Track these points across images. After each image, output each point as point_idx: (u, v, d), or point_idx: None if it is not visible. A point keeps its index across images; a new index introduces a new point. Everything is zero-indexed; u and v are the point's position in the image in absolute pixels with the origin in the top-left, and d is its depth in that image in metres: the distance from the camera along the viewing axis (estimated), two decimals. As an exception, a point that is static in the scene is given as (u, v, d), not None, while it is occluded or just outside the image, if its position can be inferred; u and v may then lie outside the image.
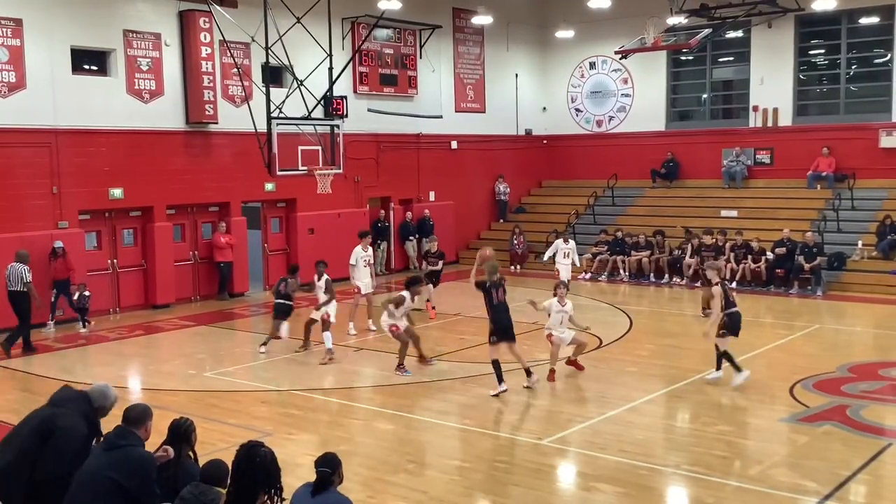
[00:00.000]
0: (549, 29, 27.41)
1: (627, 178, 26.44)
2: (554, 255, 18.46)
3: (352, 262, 16.07)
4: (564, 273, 17.85)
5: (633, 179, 26.33)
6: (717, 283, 12.30)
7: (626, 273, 22.36)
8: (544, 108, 28.56)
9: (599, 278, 22.50)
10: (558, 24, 26.39)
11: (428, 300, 17.34)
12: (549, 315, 12.60)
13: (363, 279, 16.06)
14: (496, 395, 11.54)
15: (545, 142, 28.54)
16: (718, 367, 12.19)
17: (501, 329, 11.73)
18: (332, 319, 14.05)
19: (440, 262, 18.09)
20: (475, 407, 11.34)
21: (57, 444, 5.90)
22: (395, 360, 12.96)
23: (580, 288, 20.87)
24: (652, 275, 22.09)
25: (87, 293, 16.63)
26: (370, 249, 16.54)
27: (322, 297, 14.17)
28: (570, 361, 12.87)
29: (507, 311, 11.87)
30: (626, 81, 27.07)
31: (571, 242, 18.74)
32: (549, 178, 28.62)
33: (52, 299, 16.53)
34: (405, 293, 13.11)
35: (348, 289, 16.60)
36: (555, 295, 12.60)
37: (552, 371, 12.42)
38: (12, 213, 16.56)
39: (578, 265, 19.47)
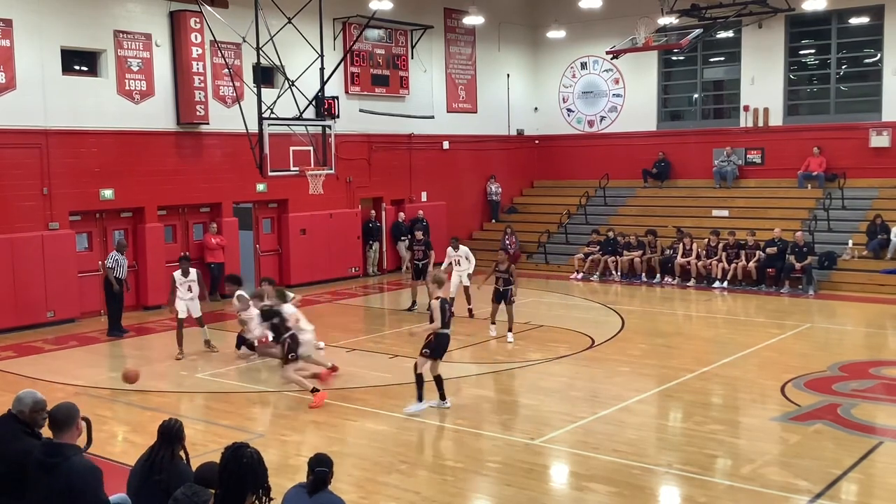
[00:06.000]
0: (541, 29, 27.42)
1: (619, 178, 26.47)
2: (450, 263, 17.90)
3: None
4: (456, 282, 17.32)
5: (625, 179, 26.37)
6: (436, 298, 10.95)
7: (618, 273, 22.39)
8: (536, 109, 28.57)
9: (591, 278, 22.52)
10: (550, 25, 26.41)
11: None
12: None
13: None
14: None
15: (537, 142, 28.55)
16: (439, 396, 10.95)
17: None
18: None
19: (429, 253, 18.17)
20: (467, 407, 11.32)
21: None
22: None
23: (572, 288, 20.88)
24: (644, 274, 22.13)
25: None
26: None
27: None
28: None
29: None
30: (617, 81, 27.10)
31: (462, 248, 17.94)
32: (540, 178, 28.64)
33: None
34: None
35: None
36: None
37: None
38: (2, 215, 16.48)
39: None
